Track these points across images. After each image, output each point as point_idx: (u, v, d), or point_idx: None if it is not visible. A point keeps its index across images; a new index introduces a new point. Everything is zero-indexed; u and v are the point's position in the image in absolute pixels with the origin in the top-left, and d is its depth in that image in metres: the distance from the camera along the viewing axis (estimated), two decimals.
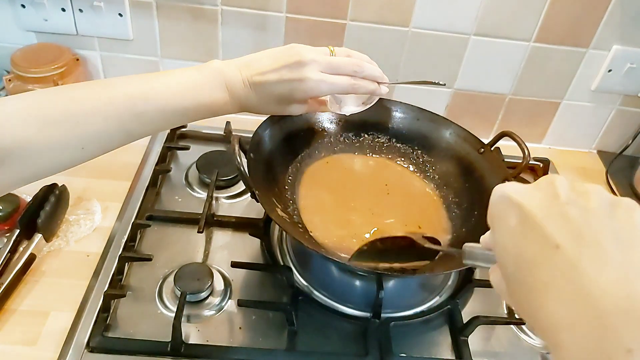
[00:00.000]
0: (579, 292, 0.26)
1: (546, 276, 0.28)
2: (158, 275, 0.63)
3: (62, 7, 0.77)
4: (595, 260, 0.27)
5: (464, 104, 0.90)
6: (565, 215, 0.29)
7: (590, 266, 0.27)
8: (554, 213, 0.30)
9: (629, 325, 0.24)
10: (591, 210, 0.29)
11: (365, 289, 0.64)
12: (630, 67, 0.84)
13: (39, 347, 0.54)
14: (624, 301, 0.25)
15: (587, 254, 0.27)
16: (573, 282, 0.27)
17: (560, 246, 0.28)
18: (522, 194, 0.32)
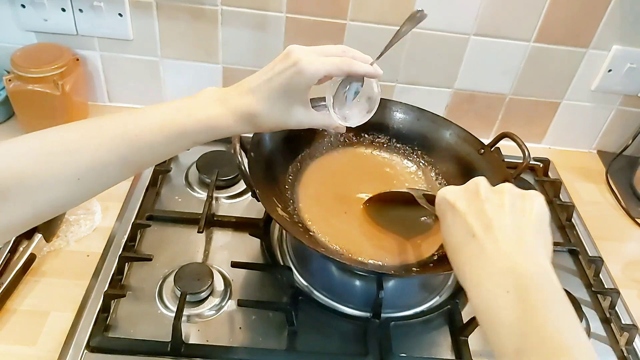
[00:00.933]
0: (484, 265, 0.39)
1: (465, 257, 0.41)
2: (158, 275, 0.63)
3: (62, 7, 0.77)
4: (495, 243, 0.39)
5: (464, 104, 0.90)
6: (481, 210, 0.42)
7: (492, 247, 0.39)
8: (474, 209, 0.42)
9: (509, 279, 0.37)
10: (501, 206, 0.41)
11: (365, 288, 0.64)
12: (630, 67, 0.84)
13: (39, 347, 0.54)
14: (512, 266, 0.38)
15: (491, 239, 0.40)
16: (480, 259, 0.40)
17: (475, 235, 0.41)
18: (454, 194, 0.45)
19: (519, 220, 0.40)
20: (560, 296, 0.37)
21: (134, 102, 0.90)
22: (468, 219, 0.41)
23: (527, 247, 0.39)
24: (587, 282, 0.72)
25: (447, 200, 0.44)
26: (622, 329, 0.64)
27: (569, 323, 0.35)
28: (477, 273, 0.39)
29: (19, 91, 0.75)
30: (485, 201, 0.42)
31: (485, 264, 0.39)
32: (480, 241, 0.40)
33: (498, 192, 0.43)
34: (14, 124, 0.81)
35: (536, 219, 0.41)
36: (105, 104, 0.90)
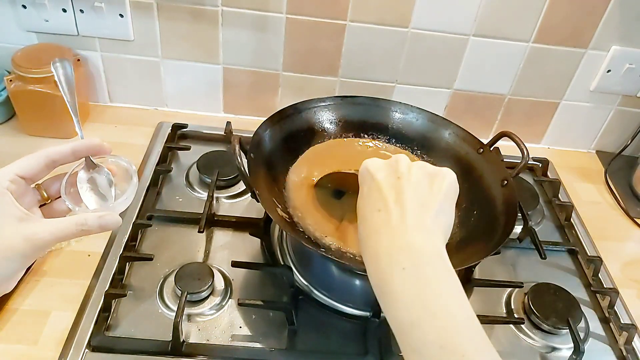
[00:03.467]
0: (384, 239, 0.40)
1: (369, 229, 0.42)
2: (159, 275, 0.63)
3: (63, 8, 0.78)
4: (400, 219, 0.41)
5: (463, 104, 0.90)
6: (394, 185, 0.43)
7: (396, 222, 0.41)
8: (389, 183, 0.44)
9: (406, 256, 0.39)
10: (413, 182, 0.43)
11: (365, 288, 0.64)
12: (629, 68, 0.84)
13: (40, 346, 0.55)
14: (408, 243, 0.39)
15: (396, 214, 0.41)
16: (381, 233, 0.41)
17: (381, 209, 0.42)
18: (375, 167, 0.46)
19: (425, 198, 0.42)
20: (451, 275, 0.39)
21: (135, 103, 0.90)
22: (382, 191, 0.43)
23: (427, 226, 0.41)
24: (586, 282, 0.72)
25: (368, 170, 0.46)
26: (621, 329, 0.64)
27: (458, 300, 0.38)
28: (378, 247, 0.40)
29: (19, 91, 0.75)
30: (401, 177, 0.43)
31: (387, 238, 0.40)
32: (386, 214, 0.41)
33: (412, 167, 0.45)
34: (14, 124, 0.82)
35: (442, 198, 0.43)
36: (107, 104, 0.90)
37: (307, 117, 0.72)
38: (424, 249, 0.39)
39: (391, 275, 0.38)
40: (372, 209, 0.43)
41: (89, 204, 0.44)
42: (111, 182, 0.45)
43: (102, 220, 0.41)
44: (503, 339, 0.63)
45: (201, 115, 0.91)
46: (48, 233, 0.39)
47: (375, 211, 0.42)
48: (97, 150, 0.45)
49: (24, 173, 0.41)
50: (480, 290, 0.67)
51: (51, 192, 0.45)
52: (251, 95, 0.89)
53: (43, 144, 0.78)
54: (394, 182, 0.43)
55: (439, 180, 0.44)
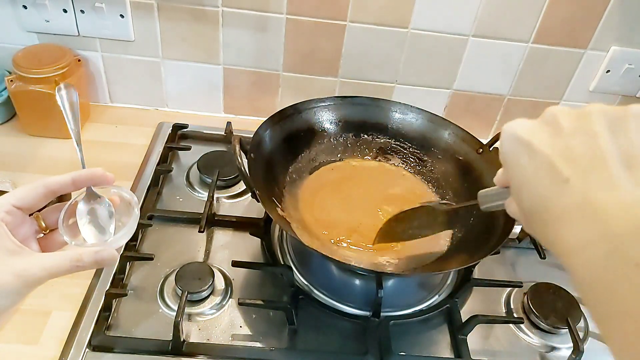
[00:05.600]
0: (590, 219, 0.27)
1: (559, 209, 0.29)
2: (159, 275, 0.63)
3: (64, 8, 0.78)
4: (604, 186, 0.28)
5: (462, 104, 0.90)
6: (570, 147, 0.30)
7: (600, 192, 0.28)
8: (560, 146, 0.30)
9: (634, 242, 0.25)
10: (596, 134, 0.29)
11: (365, 288, 0.64)
12: (628, 68, 0.84)
13: (41, 345, 0.55)
14: (633, 222, 0.26)
15: (596, 181, 0.28)
16: (584, 211, 0.28)
17: (569, 179, 0.29)
18: (529, 131, 0.32)
19: (628, 152, 0.28)
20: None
21: (135, 103, 0.90)
22: (555, 161, 0.30)
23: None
24: None
25: (520, 138, 0.32)
26: None
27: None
28: (581, 231, 0.28)
29: (20, 92, 0.75)
30: (573, 134, 0.30)
31: (593, 218, 0.27)
32: (579, 187, 0.28)
33: (587, 116, 0.30)
34: (15, 124, 0.82)
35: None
36: (107, 104, 0.90)
37: (307, 117, 0.72)
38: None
39: (615, 274, 0.26)
40: (551, 186, 0.30)
41: (87, 237, 0.42)
42: (112, 214, 0.44)
43: (97, 256, 0.39)
44: (502, 339, 0.63)
45: (201, 115, 0.91)
46: (40, 269, 0.37)
47: (558, 187, 0.29)
48: (99, 181, 0.43)
49: (21, 204, 0.40)
50: (480, 289, 0.68)
51: (50, 222, 0.43)
52: (251, 96, 0.90)
53: (44, 144, 0.79)
54: (567, 144, 0.30)
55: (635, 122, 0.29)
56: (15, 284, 0.36)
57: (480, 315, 0.61)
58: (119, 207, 0.45)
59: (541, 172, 0.31)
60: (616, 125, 0.29)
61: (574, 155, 0.30)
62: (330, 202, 0.68)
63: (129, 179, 0.75)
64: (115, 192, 0.45)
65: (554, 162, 0.30)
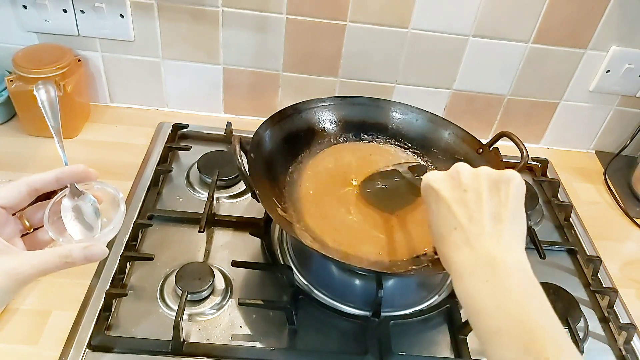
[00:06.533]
0: (466, 257, 0.42)
1: (449, 247, 0.43)
2: (159, 275, 0.63)
3: (64, 8, 0.78)
4: (477, 235, 0.42)
5: (462, 104, 0.90)
6: (463, 200, 0.44)
7: (474, 240, 0.42)
8: (456, 198, 0.44)
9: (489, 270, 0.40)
10: (480, 194, 0.43)
11: (365, 288, 0.64)
12: (628, 68, 0.84)
13: (41, 345, 0.55)
14: (486, 257, 0.41)
15: (473, 231, 0.42)
16: (463, 252, 0.42)
17: (457, 227, 0.43)
18: (438, 182, 0.46)
19: (497, 209, 0.43)
20: (533, 283, 0.40)
21: (136, 103, 0.90)
22: (452, 209, 0.44)
23: (505, 238, 0.42)
24: (586, 282, 0.72)
25: (432, 187, 0.46)
26: (620, 328, 0.65)
27: (541, 305, 0.39)
28: (461, 264, 0.42)
29: (20, 92, 0.75)
30: (466, 190, 0.44)
31: (468, 256, 0.42)
32: (463, 233, 0.42)
33: (476, 178, 0.45)
34: (15, 124, 0.82)
35: (513, 205, 0.43)
36: (107, 104, 0.90)
37: (307, 117, 0.72)
38: (505, 261, 0.40)
39: (475, 289, 0.40)
40: (447, 228, 0.44)
41: (74, 233, 0.42)
42: (97, 210, 0.43)
43: (87, 251, 0.39)
44: None
45: (201, 115, 0.91)
46: (29, 267, 0.37)
47: (451, 230, 0.43)
48: (82, 177, 0.42)
49: (4, 203, 0.39)
50: None
51: (34, 221, 0.42)
52: (251, 96, 0.90)
53: (43, 144, 0.79)
54: (461, 197, 0.44)
55: (504, 186, 0.44)
56: (5, 283, 0.36)
57: None
58: (104, 203, 0.44)
59: (442, 214, 0.44)
60: (493, 187, 0.44)
61: (464, 206, 0.43)
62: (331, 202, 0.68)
63: (129, 179, 0.75)
64: (99, 188, 0.44)
65: (452, 207, 0.44)
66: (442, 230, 0.44)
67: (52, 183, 0.42)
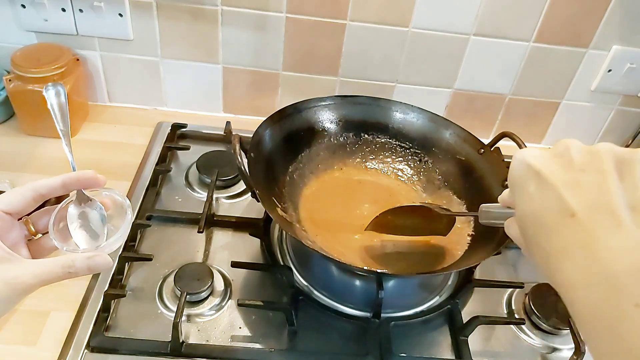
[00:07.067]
0: (593, 258, 0.28)
1: (563, 243, 0.30)
2: (158, 275, 0.63)
3: (62, 7, 0.77)
4: (608, 227, 0.29)
5: (463, 104, 0.90)
6: (580, 182, 0.31)
7: (604, 233, 0.29)
8: (570, 180, 0.31)
9: (637, 284, 0.27)
10: (604, 173, 0.30)
11: (365, 288, 0.64)
12: (630, 67, 0.84)
13: (39, 346, 0.54)
14: (633, 263, 0.27)
15: (601, 221, 0.29)
16: (588, 249, 0.29)
17: (576, 214, 0.30)
18: (541, 160, 0.33)
19: (633, 195, 0.29)
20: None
21: (134, 103, 0.90)
22: (563, 193, 0.31)
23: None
24: None
25: (530, 165, 0.33)
26: None
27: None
28: (585, 268, 0.29)
29: (19, 91, 0.75)
30: (584, 169, 0.31)
31: (598, 256, 0.28)
32: (584, 224, 0.29)
33: (597, 154, 0.32)
34: (14, 124, 0.81)
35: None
36: (106, 104, 0.90)
37: (307, 116, 0.72)
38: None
39: (618, 313, 0.27)
40: (556, 217, 0.31)
41: (79, 241, 0.41)
42: (104, 218, 0.42)
43: (90, 262, 0.37)
44: (504, 340, 0.63)
45: (201, 115, 0.91)
46: (31, 276, 0.36)
47: (564, 220, 0.31)
48: (90, 183, 0.41)
49: (9, 208, 0.39)
50: (481, 290, 0.67)
51: (40, 227, 0.42)
52: (251, 95, 0.89)
53: (42, 143, 0.78)
54: (576, 179, 0.31)
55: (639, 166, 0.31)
56: (5, 292, 0.35)
57: (481, 316, 0.60)
58: (111, 210, 0.43)
59: (548, 202, 0.32)
60: (624, 167, 0.31)
61: (582, 190, 0.31)
62: (331, 202, 0.68)
63: (128, 179, 0.75)
64: (107, 195, 0.43)
65: (562, 194, 0.31)
66: (550, 221, 0.31)
67: (59, 189, 0.41)
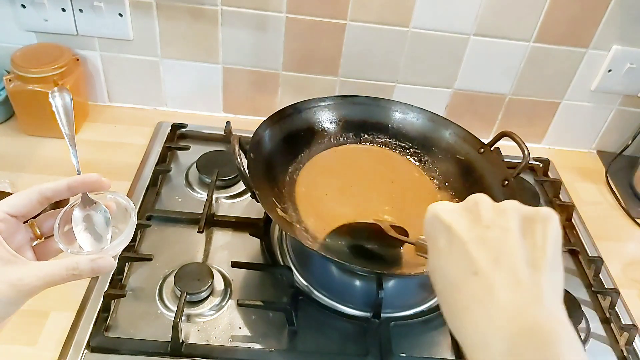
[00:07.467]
0: (491, 318, 0.30)
1: (466, 301, 0.31)
2: (158, 275, 0.63)
3: (62, 7, 0.77)
4: (507, 285, 0.30)
5: (463, 104, 0.90)
6: (485, 239, 0.32)
7: (503, 291, 0.30)
8: (476, 237, 0.33)
9: (532, 347, 0.28)
10: (508, 231, 0.32)
11: (365, 288, 0.64)
12: (630, 67, 0.84)
13: (40, 346, 0.54)
14: (527, 323, 0.29)
15: (501, 278, 0.30)
16: (487, 308, 0.30)
17: (478, 272, 0.31)
18: (451, 215, 0.35)
19: (532, 254, 0.31)
20: (581, 353, 0.29)
21: (134, 102, 0.90)
22: (470, 249, 0.32)
23: (546, 294, 0.30)
24: (587, 282, 0.72)
25: (442, 220, 0.34)
26: (622, 329, 0.64)
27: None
28: (484, 328, 0.30)
29: (19, 91, 0.75)
30: (489, 226, 0.33)
31: (495, 316, 0.29)
32: (486, 281, 0.31)
33: (503, 212, 0.34)
34: (14, 124, 0.81)
35: (552, 252, 0.32)
36: (106, 104, 0.90)
37: (307, 116, 0.72)
38: (549, 327, 0.29)
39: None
40: (462, 273, 0.32)
41: (84, 244, 0.41)
42: (108, 221, 0.43)
43: (94, 264, 0.38)
44: None
45: (201, 115, 0.91)
46: (36, 278, 0.36)
47: (469, 275, 0.31)
48: (95, 186, 0.42)
49: (15, 211, 0.39)
50: None
51: (45, 229, 0.42)
52: (251, 95, 0.89)
53: (42, 143, 0.78)
54: (482, 235, 0.32)
55: (540, 226, 0.32)
56: (10, 294, 0.36)
57: None
58: (116, 213, 0.44)
59: (455, 258, 0.33)
60: (526, 226, 0.32)
61: (487, 247, 0.32)
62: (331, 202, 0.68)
63: (128, 179, 0.75)
64: (111, 198, 0.44)
65: (469, 249, 0.32)
66: (453, 275, 0.33)
67: (64, 192, 0.41)
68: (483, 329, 0.30)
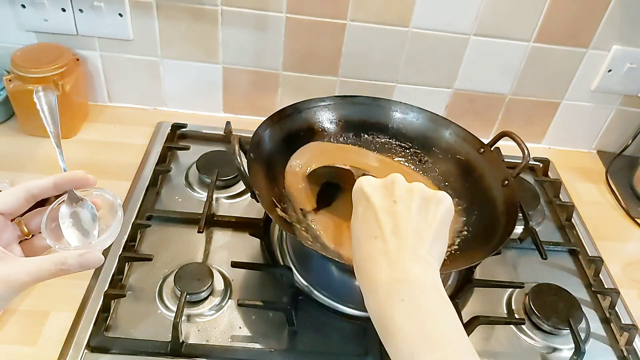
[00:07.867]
0: (380, 270, 0.40)
1: (366, 253, 0.41)
2: (158, 275, 0.63)
3: (62, 7, 0.77)
4: (397, 250, 0.40)
5: (463, 104, 0.90)
6: (391, 211, 0.42)
7: (394, 253, 0.40)
8: (385, 207, 0.42)
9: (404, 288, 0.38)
10: (409, 208, 0.42)
11: None
12: (630, 67, 0.84)
13: (40, 347, 0.54)
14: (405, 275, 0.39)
15: (394, 244, 0.40)
16: (378, 263, 0.40)
17: (378, 237, 0.41)
18: (370, 187, 0.44)
19: (421, 227, 0.41)
20: (448, 305, 0.39)
21: (134, 102, 0.90)
22: (379, 217, 0.42)
23: (423, 256, 0.40)
24: (587, 282, 0.72)
25: (363, 190, 0.44)
26: (622, 329, 0.64)
27: (456, 329, 0.38)
28: (375, 276, 0.40)
29: (19, 91, 0.75)
30: (396, 202, 0.42)
31: (384, 268, 0.39)
32: (384, 244, 0.40)
33: (410, 191, 0.43)
34: (14, 124, 0.81)
35: (438, 226, 0.42)
36: (106, 104, 0.90)
37: (307, 116, 0.72)
38: (422, 279, 0.39)
39: (390, 307, 0.38)
40: (367, 235, 0.42)
41: (71, 240, 0.42)
42: (95, 217, 0.43)
43: (82, 258, 0.39)
44: (503, 340, 0.62)
45: (201, 115, 0.91)
46: (25, 274, 0.37)
47: (371, 238, 0.41)
48: (81, 183, 0.42)
49: (2, 209, 0.40)
50: (481, 290, 0.67)
51: (32, 227, 0.43)
52: (251, 95, 0.89)
53: (42, 143, 0.78)
54: (390, 207, 0.42)
55: (434, 206, 0.43)
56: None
57: (481, 317, 0.60)
58: (103, 209, 0.44)
59: (366, 220, 0.43)
60: (423, 205, 0.43)
61: (391, 217, 0.42)
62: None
63: (128, 179, 0.75)
64: (97, 194, 0.44)
65: (379, 214, 0.42)
66: (361, 237, 0.42)
67: (51, 189, 0.42)
68: (375, 276, 0.40)
